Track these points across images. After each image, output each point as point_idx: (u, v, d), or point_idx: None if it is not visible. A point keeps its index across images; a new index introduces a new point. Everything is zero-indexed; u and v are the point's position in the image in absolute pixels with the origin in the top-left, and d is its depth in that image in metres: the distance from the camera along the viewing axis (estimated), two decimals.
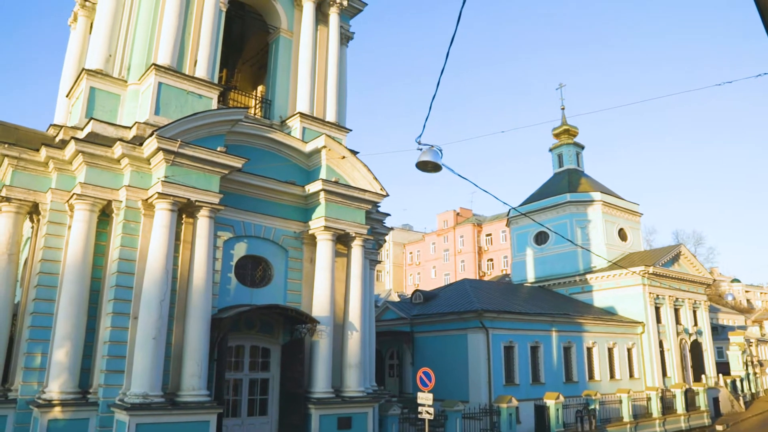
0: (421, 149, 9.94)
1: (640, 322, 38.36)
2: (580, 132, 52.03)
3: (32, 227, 17.71)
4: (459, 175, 10.37)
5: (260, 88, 25.94)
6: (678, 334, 40.79)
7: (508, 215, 49.98)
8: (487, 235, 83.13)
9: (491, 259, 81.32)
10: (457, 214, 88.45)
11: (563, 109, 52.22)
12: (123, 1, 19.32)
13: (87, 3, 23.07)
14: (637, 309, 38.85)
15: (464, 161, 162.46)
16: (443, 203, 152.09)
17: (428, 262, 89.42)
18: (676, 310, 41.77)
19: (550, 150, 52.27)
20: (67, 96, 19.99)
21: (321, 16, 22.69)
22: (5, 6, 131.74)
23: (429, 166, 9.90)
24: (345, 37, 24.12)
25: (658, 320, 39.69)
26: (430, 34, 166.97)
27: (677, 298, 41.74)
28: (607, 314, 38.43)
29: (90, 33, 23.39)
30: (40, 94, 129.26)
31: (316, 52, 21.78)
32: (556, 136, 51.97)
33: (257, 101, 23.58)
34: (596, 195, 44.13)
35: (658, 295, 39.93)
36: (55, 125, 20.83)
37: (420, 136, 9.53)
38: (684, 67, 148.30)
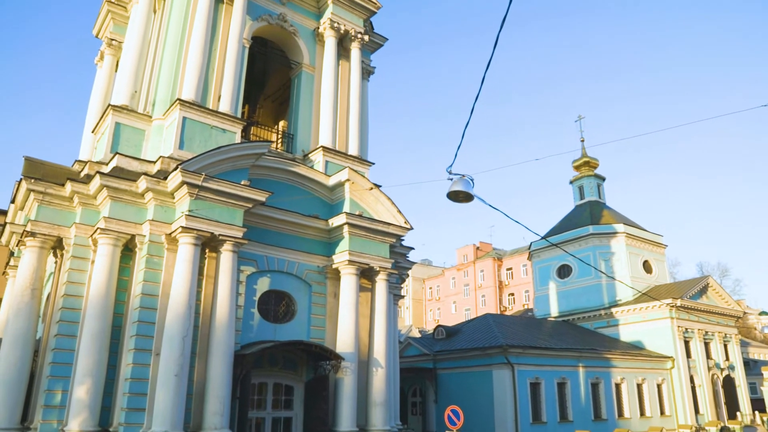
0: (451, 179, 9.67)
1: (669, 357, 37.24)
2: (601, 163, 51.58)
3: (56, 262, 17.67)
4: (490, 206, 10.09)
5: (282, 123, 26.10)
6: (709, 369, 39.51)
7: (529, 249, 49.33)
8: (508, 269, 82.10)
9: (512, 294, 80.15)
10: (477, 248, 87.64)
11: (583, 141, 51.93)
12: (149, 39, 19.61)
13: (113, 42, 23.51)
14: (665, 343, 37.77)
15: (482, 194, 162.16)
16: (462, 237, 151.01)
17: (448, 297, 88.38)
18: (706, 344, 40.56)
19: (571, 182, 51.84)
20: (92, 132, 20.16)
21: (342, 51, 22.85)
22: (32, 47, 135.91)
23: (460, 196, 9.62)
24: (366, 72, 24.26)
25: (688, 355, 38.51)
26: (439, 68, 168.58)
27: (707, 332, 40.55)
28: (635, 349, 37.40)
29: (116, 71, 23.81)
30: (65, 132, 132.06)
31: (338, 87, 21.87)
32: (576, 168, 51.59)
33: (279, 136, 23.65)
34: (619, 227, 43.46)
35: (686, 329, 38.83)
36: (80, 161, 20.98)
37: (451, 165, 9.28)
38: (709, 94, 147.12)
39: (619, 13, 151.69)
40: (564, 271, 44.90)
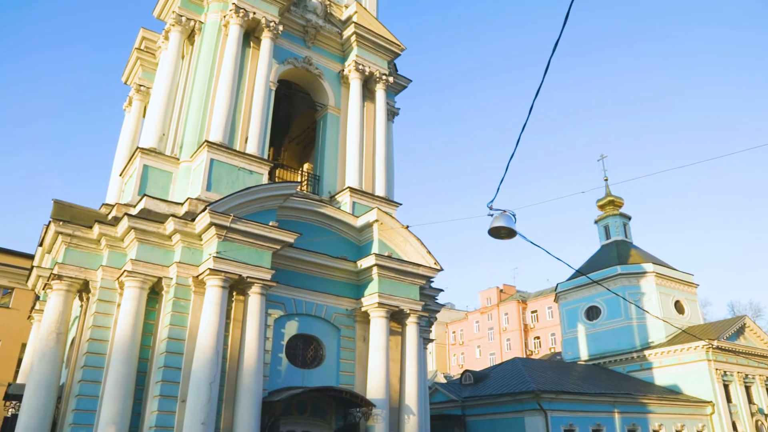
0: (491, 214, 9.28)
1: (708, 402, 35.65)
2: (626, 202, 50.86)
3: (81, 306, 17.45)
4: (532, 243, 9.66)
5: (306, 165, 26.09)
6: (752, 414, 37.67)
7: (555, 290, 48.32)
8: (533, 312, 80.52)
9: (538, 337, 78.35)
10: (501, 291, 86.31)
11: (606, 180, 51.33)
12: (177, 83, 19.81)
13: (142, 88, 23.88)
14: (703, 387, 36.22)
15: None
16: (485, 280, 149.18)
17: (472, 342, 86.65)
18: (747, 388, 38.82)
19: (596, 222, 51.09)
20: (120, 175, 20.23)
21: (367, 93, 22.92)
22: (58, 94, 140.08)
23: (502, 232, 9.21)
24: (391, 113, 24.28)
25: (729, 399, 36.84)
26: (453, 110, 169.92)
27: (747, 375, 38.89)
28: (672, 393, 35.92)
29: (143, 116, 24.15)
30: (92, 177, 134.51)
31: (364, 128, 21.84)
32: (601, 207, 50.90)
33: (304, 178, 23.59)
34: (648, 266, 42.45)
35: (725, 372, 37.27)
36: (107, 204, 21.08)
37: (492, 200, 8.93)
38: (737, 130, 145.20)
39: (642, 51, 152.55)
40: (592, 313, 43.76)
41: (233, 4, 19.65)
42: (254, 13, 19.91)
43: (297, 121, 26.77)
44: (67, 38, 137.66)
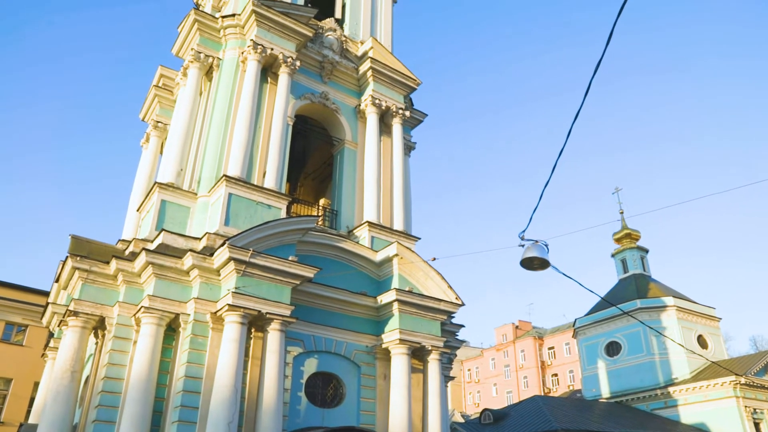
0: (523, 245, 8.96)
1: None
2: (642, 235, 50.17)
3: (96, 343, 17.17)
4: (565, 275, 9.29)
5: (322, 200, 25.94)
6: None
7: (574, 326, 47.41)
8: (550, 348, 78.99)
9: (556, 374, 76.68)
10: (516, 327, 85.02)
11: (622, 213, 50.82)
12: (195, 119, 19.86)
13: (159, 124, 24.04)
14: (732, 426, 35.01)
15: (517, 269, 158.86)
16: (500, 316, 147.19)
17: (488, 379, 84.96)
18: None
19: (613, 255, 50.43)
20: (137, 210, 20.15)
21: (384, 127, 22.90)
22: (74, 133, 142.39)
23: (535, 263, 8.87)
24: (407, 147, 24.20)
25: None
26: (465, 145, 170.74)
27: None
28: None
29: (160, 152, 24.25)
30: (106, 213, 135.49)
31: (381, 162, 21.71)
32: (618, 240, 50.30)
33: (320, 212, 23.42)
34: (668, 300, 41.60)
35: (755, 409, 36.03)
36: (123, 240, 20.99)
37: (524, 230, 8.61)
38: (753, 162, 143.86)
39: (657, 82, 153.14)
40: (613, 349, 42.77)
41: (251, 40, 19.82)
42: (272, 50, 20.06)
43: (312, 156, 26.77)
44: (79, 75, 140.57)
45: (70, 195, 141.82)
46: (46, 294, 25.40)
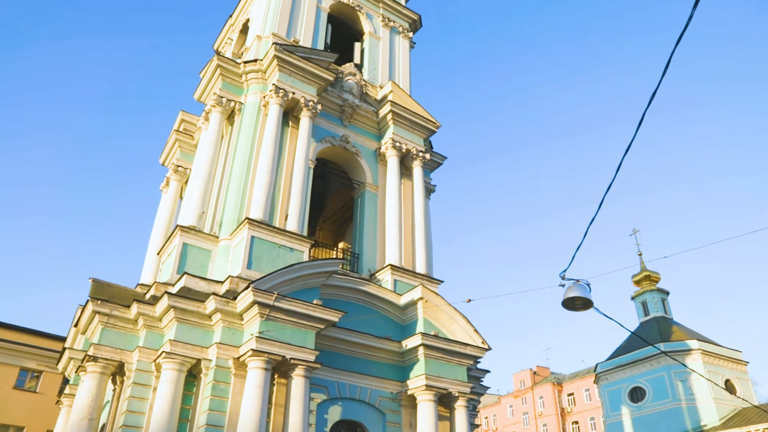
0: (564, 285, 8.67)
1: None
2: (662, 277, 49.40)
3: (114, 390, 16.83)
4: (606, 316, 8.94)
5: (341, 244, 25.84)
6: None
7: (595, 371, 46.27)
8: (569, 394, 76.96)
9: (576, 422, 74.47)
10: (534, 373, 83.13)
11: (640, 254, 50.20)
12: (216, 162, 19.93)
13: (179, 168, 24.16)
14: None
15: (532, 316, 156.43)
16: (517, 362, 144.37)
17: (507, 427, 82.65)
18: None
19: (632, 298, 49.61)
20: (158, 253, 20.04)
21: (404, 170, 22.89)
22: (90, 179, 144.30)
23: (578, 303, 8.56)
24: (427, 190, 24.11)
25: None
26: (478, 186, 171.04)
27: None
28: None
29: (180, 196, 24.31)
30: (124, 257, 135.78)
31: (401, 205, 21.58)
32: (637, 283, 49.57)
33: (340, 255, 23.23)
34: (693, 343, 40.59)
35: None
36: (142, 284, 20.83)
37: (565, 270, 8.30)
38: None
39: (672, 121, 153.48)
40: (637, 395, 41.58)
41: (273, 84, 20.03)
42: (293, 93, 20.25)
43: (332, 199, 26.76)
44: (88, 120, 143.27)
45: (84, 238, 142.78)
46: (62, 339, 25.16)
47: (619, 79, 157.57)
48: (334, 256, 23.47)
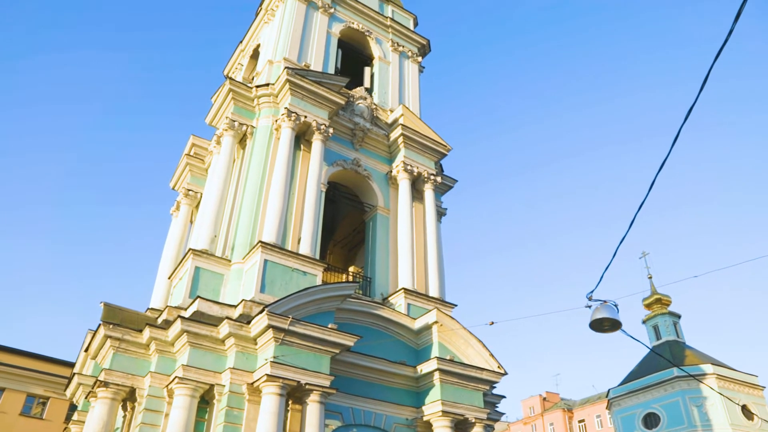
0: (590, 306, 8.51)
1: None
2: (673, 300, 48.87)
3: (124, 416, 16.56)
4: (634, 338, 8.72)
5: (352, 268, 25.75)
6: None
7: (607, 396, 45.57)
8: (580, 421, 75.73)
9: None
10: (544, 399, 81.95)
11: (650, 277, 49.78)
12: (228, 186, 19.92)
13: (190, 192, 24.16)
14: None
15: (539, 341, 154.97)
16: (526, 387, 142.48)
17: None
18: None
19: (644, 322, 49.06)
20: (169, 278, 19.92)
21: (415, 194, 22.85)
22: (97, 205, 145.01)
23: (605, 325, 8.40)
24: (438, 213, 24.03)
25: None
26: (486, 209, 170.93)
27: None
28: None
29: (191, 220, 24.29)
30: (130, 281, 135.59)
31: (413, 229, 21.47)
32: (648, 306, 49.05)
33: (351, 280, 23.10)
34: (707, 367, 39.97)
35: None
36: (152, 309, 20.69)
37: (593, 291, 8.16)
38: None
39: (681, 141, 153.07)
40: (651, 420, 40.87)
41: (285, 108, 20.12)
42: (305, 117, 20.32)
43: (342, 224, 26.73)
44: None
45: (88, 262, 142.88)
46: (70, 364, 24.98)
47: (628, 97, 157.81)
48: (346, 280, 23.35)
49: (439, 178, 23.35)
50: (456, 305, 20.01)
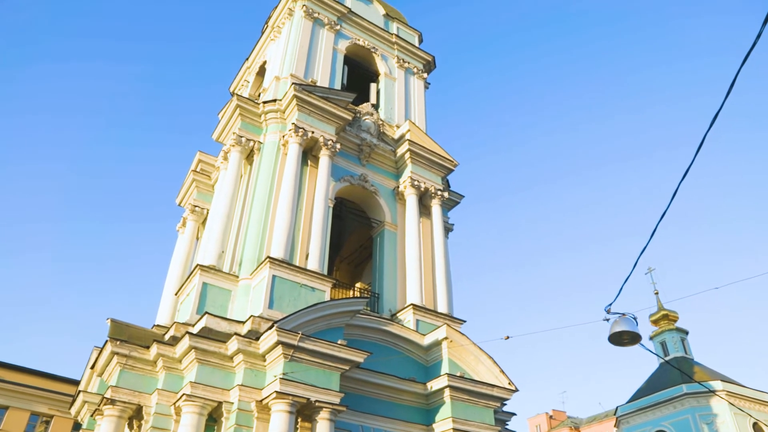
0: (608, 319, 8.39)
1: None
2: (681, 316, 48.50)
3: None
4: (653, 353, 8.57)
5: (358, 284, 25.62)
6: None
7: (615, 414, 45.05)
8: None
9: None
10: (550, 417, 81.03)
11: (657, 293, 49.46)
12: (235, 202, 19.88)
13: (196, 209, 24.13)
14: None
15: (544, 359, 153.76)
16: (532, 405, 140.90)
17: None
18: None
19: (651, 338, 48.67)
20: (176, 294, 19.82)
21: (423, 209, 22.80)
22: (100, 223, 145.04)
23: (625, 338, 8.27)
24: (445, 229, 23.95)
25: None
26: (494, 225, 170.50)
27: None
28: None
29: (197, 236, 24.22)
30: (132, 298, 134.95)
31: (421, 244, 21.39)
32: (655, 323, 48.69)
33: (356, 295, 22.95)
34: (717, 384, 39.52)
35: None
36: (158, 325, 20.55)
37: (611, 304, 8.06)
38: None
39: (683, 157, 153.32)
40: None
41: (293, 124, 20.16)
42: (312, 132, 20.36)
43: (348, 240, 26.64)
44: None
45: (89, 279, 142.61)
46: (74, 382, 24.79)
47: (637, 112, 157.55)
48: (354, 296, 23.20)
49: (446, 194, 23.33)
50: (465, 321, 19.85)
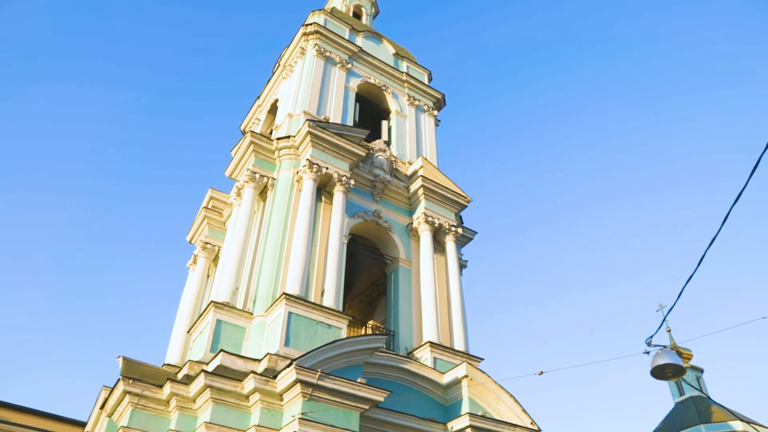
0: (648, 352, 8.12)
1: None
2: (695, 354, 47.52)
3: None
4: (695, 387, 8.26)
5: (371, 322, 25.30)
6: None
7: None
8: None
9: None
10: None
11: (669, 331, 48.60)
12: (249, 238, 19.74)
13: (208, 245, 23.97)
14: None
15: (552, 394, 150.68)
16: None
17: None
18: None
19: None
20: (188, 332, 19.49)
21: (437, 245, 22.63)
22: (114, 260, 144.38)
23: (668, 371, 7.98)
24: (459, 266, 23.71)
25: None
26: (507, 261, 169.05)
27: None
28: None
29: (208, 273, 23.98)
30: (148, 337, 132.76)
31: (436, 280, 21.14)
32: None
33: (369, 333, 22.61)
34: (736, 424, 38.51)
35: None
36: (169, 364, 20.14)
37: (652, 336, 7.81)
38: None
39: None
40: None
41: (307, 160, 20.19)
42: (327, 168, 20.37)
43: (360, 278, 26.40)
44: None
45: (92, 318, 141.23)
46: (80, 424, 24.15)
47: (652, 144, 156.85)
48: (368, 333, 22.83)
49: (460, 230, 23.18)
50: (483, 359, 19.43)
